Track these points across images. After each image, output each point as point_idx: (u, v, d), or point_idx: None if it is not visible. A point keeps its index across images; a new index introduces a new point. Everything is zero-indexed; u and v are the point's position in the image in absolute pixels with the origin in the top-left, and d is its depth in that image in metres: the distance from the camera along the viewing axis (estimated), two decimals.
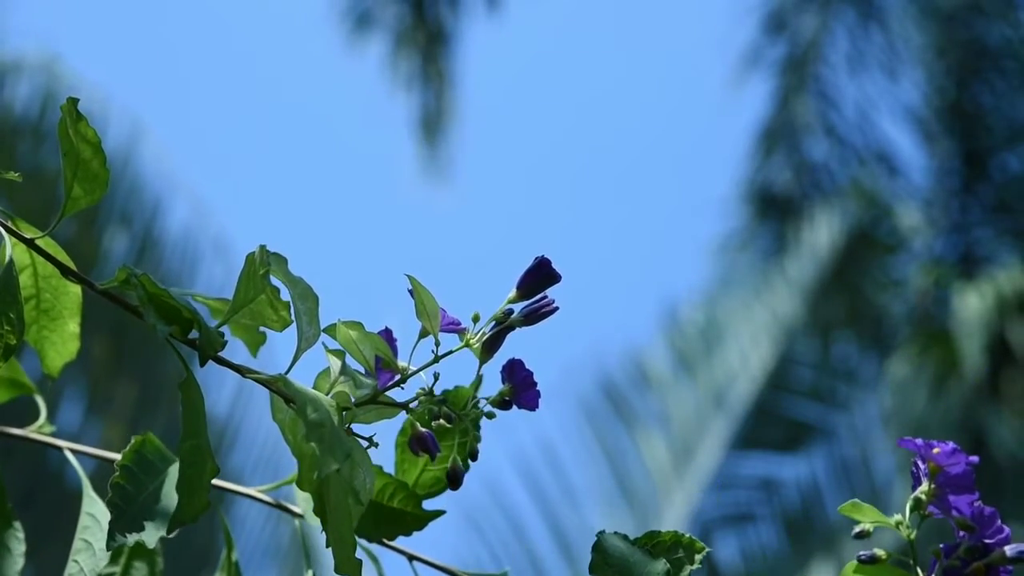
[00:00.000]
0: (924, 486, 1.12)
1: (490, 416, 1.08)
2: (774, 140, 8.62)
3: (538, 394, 1.07)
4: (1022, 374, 7.58)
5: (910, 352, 7.69)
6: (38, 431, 1.36)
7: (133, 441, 1.09)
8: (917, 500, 1.12)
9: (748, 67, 8.77)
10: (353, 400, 1.04)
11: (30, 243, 1.14)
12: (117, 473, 1.05)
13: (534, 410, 1.07)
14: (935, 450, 1.11)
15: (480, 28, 9.03)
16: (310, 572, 1.06)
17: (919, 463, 1.13)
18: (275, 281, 1.07)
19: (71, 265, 1.15)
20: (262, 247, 1.06)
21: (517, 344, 1.09)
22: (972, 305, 7.69)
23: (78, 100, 1.11)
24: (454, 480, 1.10)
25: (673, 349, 7.68)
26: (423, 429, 1.07)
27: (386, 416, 1.08)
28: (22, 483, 5.48)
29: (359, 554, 1.03)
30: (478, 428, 1.10)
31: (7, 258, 1.10)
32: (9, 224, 1.14)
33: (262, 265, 1.05)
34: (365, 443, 1.05)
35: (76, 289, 1.24)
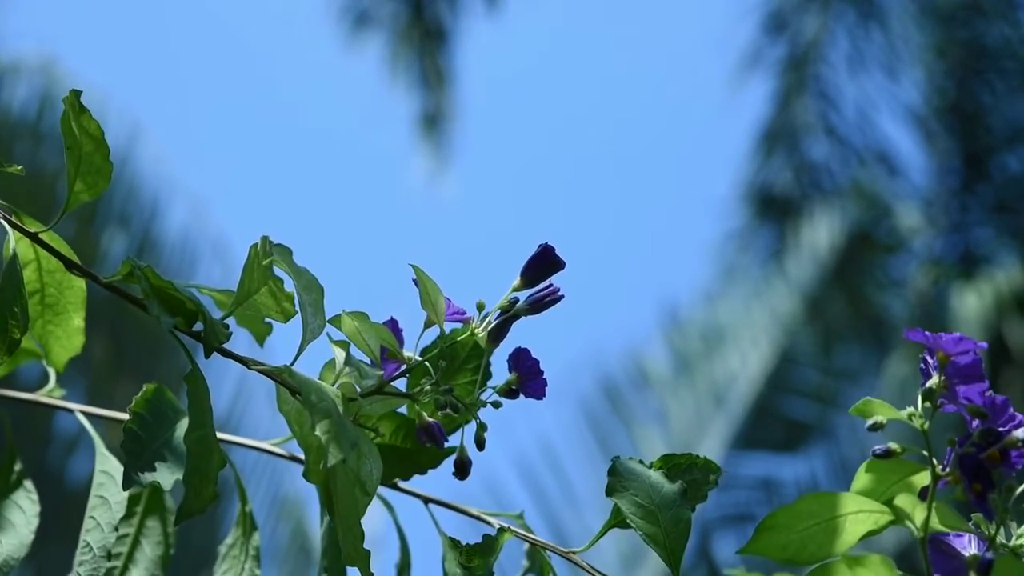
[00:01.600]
0: (934, 378, 1.12)
1: (496, 405, 1.08)
2: (774, 140, 8.62)
3: (545, 383, 1.07)
4: (1020, 374, 7.59)
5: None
6: (48, 395, 1.36)
7: (145, 389, 1.08)
8: (929, 391, 1.12)
9: (748, 67, 8.78)
10: (359, 390, 1.04)
11: (34, 237, 1.14)
12: (130, 419, 1.05)
13: (541, 398, 1.07)
14: (943, 340, 1.11)
15: (479, 26, 9.04)
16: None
17: (928, 358, 1.13)
18: (279, 272, 1.07)
19: (75, 259, 1.15)
20: (265, 238, 1.06)
21: (517, 343, 1.09)
22: (971, 305, 7.69)
23: (80, 92, 1.11)
24: (461, 470, 1.09)
25: (673, 349, 7.67)
26: (429, 419, 1.07)
27: (392, 406, 1.08)
28: None
29: (374, 502, 1.02)
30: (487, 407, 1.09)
31: (11, 252, 1.10)
32: (12, 218, 1.14)
33: (265, 256, 1.05)
34: (371, 433, 1.04)
35: (80, 283, 1.24)
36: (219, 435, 1.06)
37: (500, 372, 1.09)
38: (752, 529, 1.17)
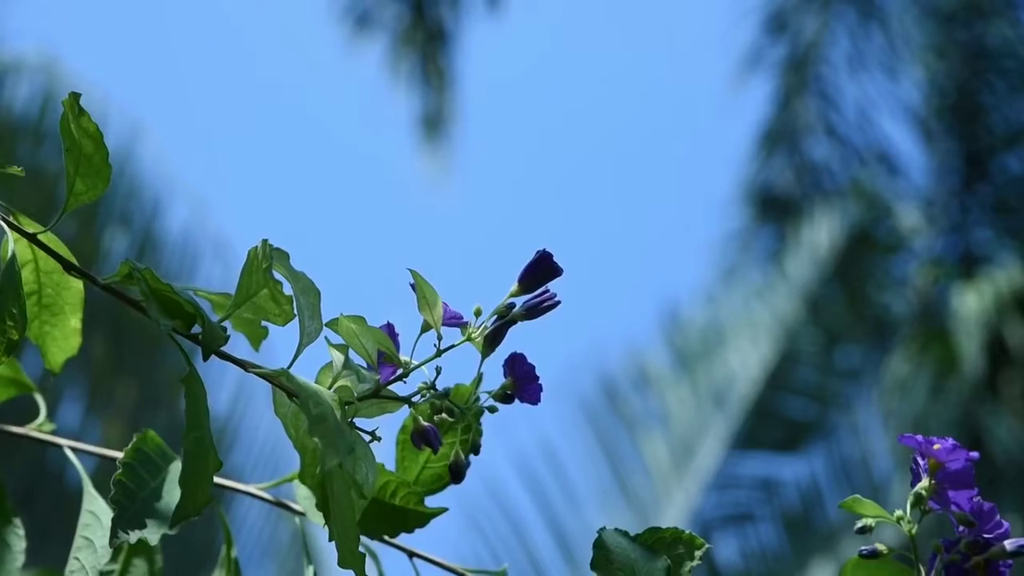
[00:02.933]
0: (924, 482, 1.12)
1: (492, 410, 1.08)
2: (775, 141, 8.62)
3: (540, 388, 1.07)
4: (1020, 374, 7.59)
5: (909, 351, 7.69)
6: (38, 429, 1.36)
7: (135, 439, 1.09)
8: (918, 495, 1.13)
9: (749, 68, 8.78)
10: (355, 394, 1.05)
11: (32, 238, 1.14)
12: (120, 470, 1.05)
13: (536, 404, 1.07)
14: (935, 446, 1.12)
15: (480, 27, 9.04)
16: (311, 568, 1.06)
17: (919, 459, 1.13)
18: (277, 276, 1.07)
19: (73, 260, 1.15)
20: (264, 241, 1.06)
21: (517, 343, 1.10)
22: (971, 305, 7.69)
23: (80, 95, 1.12)
24: (457, 474, 1.10)
25: (673, 349, 7.67)
26: (425, 423, 1.07)
27: (388, 410, 1.08)
28: (22, 483, 5.48)
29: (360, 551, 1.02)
30: (480, 422, 1.10)
31: (9, 253, 1.10)
32: (11, 219, 1.14)
33: (264, 259, 1.05)
34: (367, 437, 1.05)
35: (78, 285, 1.24)
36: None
37: (496, 377, 1.10)
38: (752, 529, 1.19)
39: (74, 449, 1.32)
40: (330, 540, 1.00)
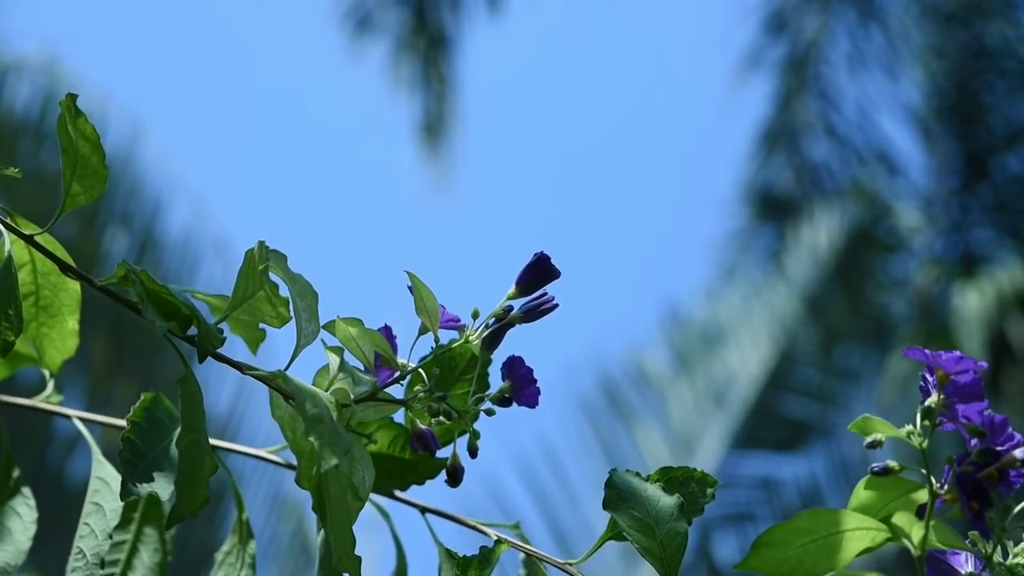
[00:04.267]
0: (933, 397, 1.12)
1: (490, 413, 1.07)
2: (775, 140, 8.63)
3: (538, 391, 1.07)
4: (1022, 372, 7.59)
5: None
6: (46, 401, 1.35)
7: (143, 398, 1.08)
8: (927, 409, 1.12)
9: (749, 67, 8.78)
10: (352, 397, 1.04)
11: (29, 239, 1.14)
12: (128, 428, 1.05)
13: (534, 407, 1.06)
14: (943, 358, 1.11)
15: (481, 31, 9.04)
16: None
17: (927, 376, 1.12)
18: (274, 278, 1.06)
19: (70, 262, 1.14)
20: (261, 243, 1.06)
21: (517, 343, 1.09)
22: (972, 303, 7.69)
23: (76, 96, 1.11)
24: (454, 478, 1.09)
25: (673, 349, 7.67)
26: (423, 426, 1.07)
27: (385, 413, 1.07)
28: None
29: (371, 512, 1.02)
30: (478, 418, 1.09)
31: (6, 254, 1.10)
32: (8, 220, 1.13)
33: (261, 261, 1.05)
34: (364, 439, 1.04)
35: (75, 286, 1.24)
36: (216, 442, 1.05)
37: (494, 379, 1.09)
38: (752, 529, 1.18)
39: (83, 419, 1.31)
40: (327, 542, 1.00)
